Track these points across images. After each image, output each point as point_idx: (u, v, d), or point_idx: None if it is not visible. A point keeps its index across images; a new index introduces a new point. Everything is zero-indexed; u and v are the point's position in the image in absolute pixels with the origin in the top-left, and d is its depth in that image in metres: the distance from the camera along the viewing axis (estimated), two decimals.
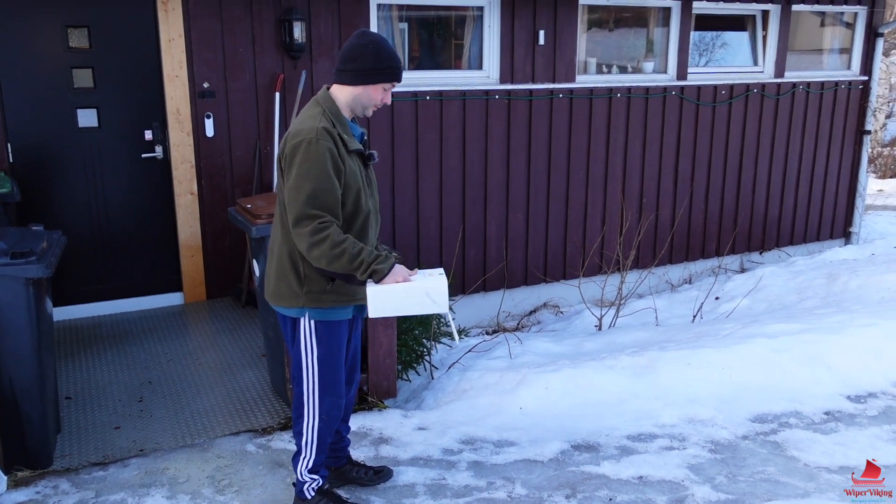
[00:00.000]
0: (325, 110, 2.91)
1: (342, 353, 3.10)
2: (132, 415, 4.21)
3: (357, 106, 2.97)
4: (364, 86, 2.92)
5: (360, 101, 2.95)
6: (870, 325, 5.00)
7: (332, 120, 2.89)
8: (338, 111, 2.93)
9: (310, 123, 2.84)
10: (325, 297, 2.97)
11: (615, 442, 3.88)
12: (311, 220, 2.78)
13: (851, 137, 8.56)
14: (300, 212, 2.78)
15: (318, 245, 2.78)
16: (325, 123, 2.84)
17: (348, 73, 2.92)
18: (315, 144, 2.77)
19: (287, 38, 5.61)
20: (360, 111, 3.00)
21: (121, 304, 5.74)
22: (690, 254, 7.90)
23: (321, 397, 3.09)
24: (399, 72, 2.96)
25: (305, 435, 3.13)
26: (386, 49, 2.92)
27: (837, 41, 8.55)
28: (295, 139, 2.81)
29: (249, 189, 5.77)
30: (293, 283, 2.96)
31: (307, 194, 2.77)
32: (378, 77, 2.92)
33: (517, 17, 6.42)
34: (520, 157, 6.71)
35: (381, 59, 2.90)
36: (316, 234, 2.77)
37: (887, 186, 15.79)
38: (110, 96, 5.42)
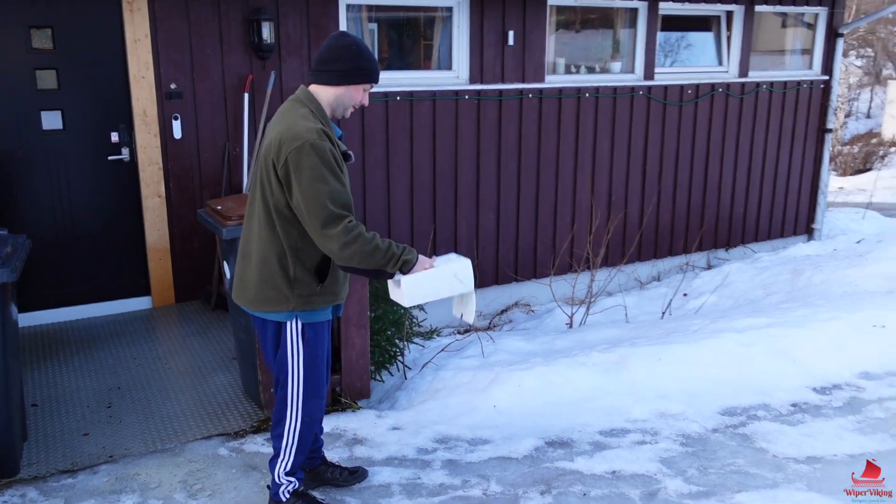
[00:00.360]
0: (313, 110, 2.90)
1: (325, 354, 3.11)
2: (101, 421, 4.15)
3: (338, 106, 2.97)
4: (346, 86, 2.93)
5: (342, 101, 2.95)
6: (833, 318, 5.10)
7: (321, 120, 2.89)
8: (323, 111, 2.94)
9: (305, 124, 2.81)
10: (315, 299, 2.97)
11: (588, 438, 3.92)
12: (340, 221, 2.77)
13: (813, 136, 8.73)
14: (328, 214, 2.75)
15: (352, 244, 2.77)
16: (319, 124, 2.84)
17: (330, 73, 2.91)
18: (319, 145, 2.76)
19: (255, 39, 5.57)
20: (340, 112, 3.00)
21: (88, 308, 5.65)
22: (659, 251, 8.00)
23: (306, 399, 3.09)
24: (378, 73, 3.00)
25: (286, 437, 3.12)
26: (367, 50, 2.95)
27: (799, 42, 8.72)
28: (295, 142, 2.76)
29: (218, 191, 5.72)
30: (282, 287, 2.93)
31: (328, 195, 2.75)
32: (360, 77, 2.93)
33: (486, 17, 6.45)
34: (490, 157, 6.74)
35: (363, 59, 2.92)
36: (349, 233, 2.77)
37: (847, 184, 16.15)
38: (75, 98, 5.34)
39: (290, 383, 3.07)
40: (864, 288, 6.26)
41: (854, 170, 17.91)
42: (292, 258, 2.91)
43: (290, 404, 3.09)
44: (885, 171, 17.02)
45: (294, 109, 2.91)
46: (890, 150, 19.21)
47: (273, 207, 2.86)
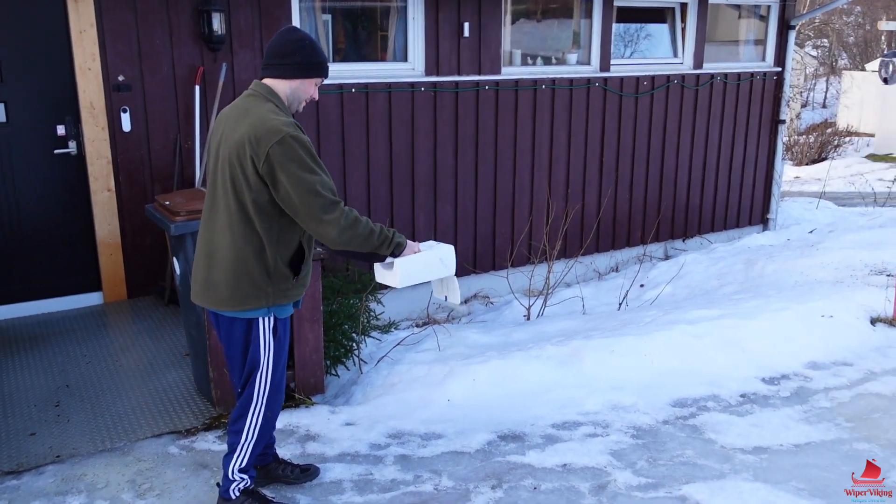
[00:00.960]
0: (277, 105, 2.92)
1: (286, 348, 3.15)
2: (48, 420, 4.07)
3: (294, 100, 3.00)
4: (301, 79, 2.96)
5: (297, 94, 2.99)
6: (783, 308, 5.20)
7: (286, 113, 2.93)
8: (284, 104, 2.96)
9: (278, 118, 2.82)
10: (291, 292, 3.02)
11: (540, 431, 3.94)
12: (335, 206, 2.83)
13: (767, 127, 8.86)
14: (323, 202, 2.80)
15: (350, 228, 2.85)
16: (289, 117, 2.90)
17: (286, 66, 2.92)
18: (301, 136, 2.82)
19: (206, 30, 5.48)
20: (295, 105, 3.02)
21: (37, 305, 5.54)
22: (616, 242, 8.07)
23: (271, 395, 3.11)
24: (328, 68, 3.05)
25: (246, 433, 3.11)
26: (318, 45, 3.00)
27: (753, 33, 8.83)
28: (275, 136, 2.75)
29: (170, 185, 5.63)
30: (260, 282, 2.93)
31: (320, 184, 2.80)
32: (314, 71, 2.97)
33: (441, 9, 6.42)
34: (447, 149, 6.72)
35: (316, 53, 2.96)
36: (347, 218, 2.85)
37: (803, 173, 16.44)
38: (19, 90, 5.20)
39: (258, 379, 3.07)
40: (815, 278, 6.38)
41: (810, 159, 18.22)
42: (272, 252, 2.92)
43: (255, 400, 3.09)
44: (839, 161, 17.36)
45: (258, 104, 2.89)
46: (844, 139, 19.59)
47: (251, 203, 2.84)
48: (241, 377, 3.11)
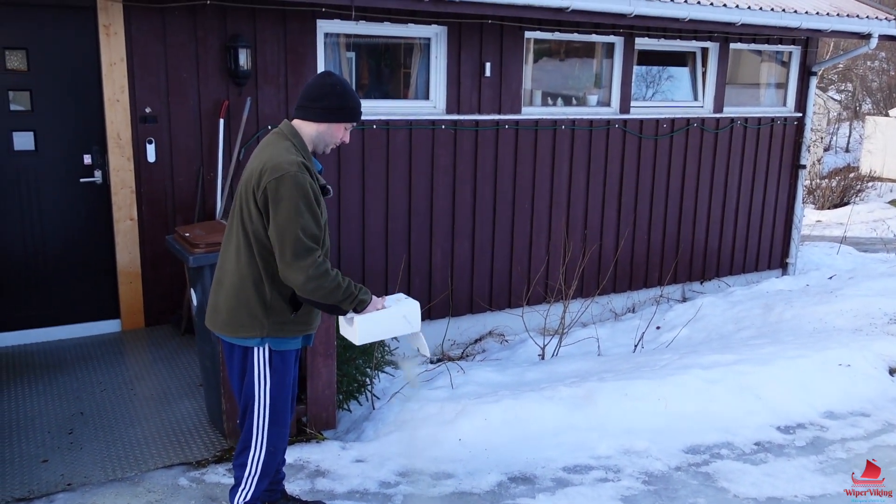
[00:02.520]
0: (295, 144, 2.97)
1: (290, 383, 3.14)
2: (61, 447, 4.10)
3: (320, 142, 3.06)
4: (329, 123, 3.02)
5: (324, 137, 3.04)
6: (800, 356, 5.14)
7: (303, 154, 2.97)
8: (305, 145, 3.01)
9: (287, 157, 2.88)
10: (288, 327, 3.03)
11: (551, 474, 3.91)
12: (309, 254, 2.85)
13: (788, 171, 8.84)
14: (299, 246, 2.83)
15: (318, 279, 2.86)
16: (300, 157, 2.92)
17: (315, 109, 2.99)
18: (301, 178, 2.85)
19: (232, 65, 5.59)
20: (321, 148, 3.08)
21: (56, 331, 5.60)
22: (633, 283, 8.04)
23: (270, 428, 3.10)
24: (360, 113, 3.09)
25: (249, 466, 3.12)
26: (351, 90, 3.05)
27: (774, 77, 8.86)
28: (276, 173, 2.84)
29: (191, 216, 5.70)
30: (257, 313, 2.97)
31: (301, 228, 2.84)
32: (344, 116, 3.03)
33: (464, 48, 6.51)
34: (465, 187, 6.77)
35: (348, 99, 3.02)
36: (317, 268, 2.86)
37: (825, 217, 16.33)
38: (49, 119, 5.33)
39: (255, 412, 3.08)
40: (834, 325, 6.32)
41: (832, 203, 18.13)
42: (269, 285, 2.96)
43: (255, 433, 3.09)
44: (861, 206, 17.24)
45: (277, 142, 2.98)
46: (867, 184, 19.49)
47: (252, 234, 2.93)
48: (241, 407, 3.14)
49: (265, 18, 5.70)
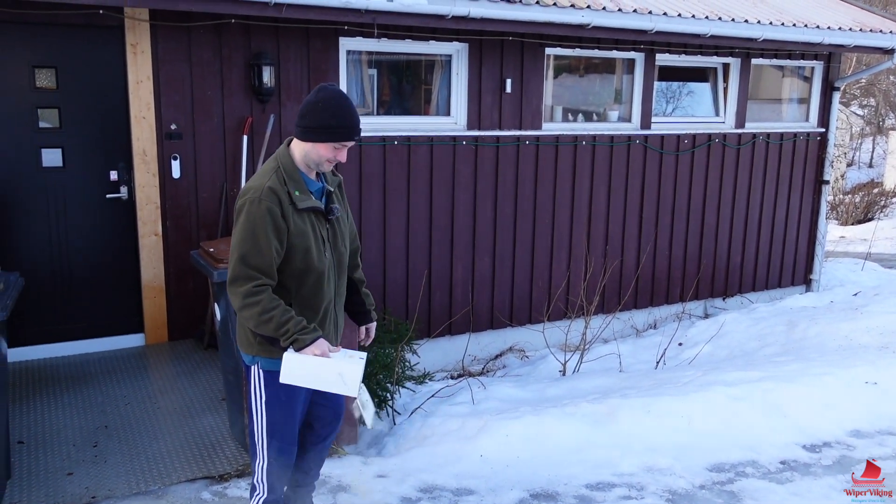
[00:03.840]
0: (280, 166, 2.94)
1: (292, 402, 3.10)
2: (86, 460, 4.14)
3: (310, 162, 2.97)
4: (312, 143, 2.92)
5: (310, 157, 2.95)
6: (826, 373, 5.09)
7: (284, 177, 2.91)
8: (292, 168, 2.95)
9: (259, 181, 2.89)
10: (276, 351, 2.97)
11: (573, 491, 3.89)
12: (245, 282, 2.84)
13: (811, 187, 8.77)
14: (236, 271, 2.86)
15: (250, 308, 2.85)
16: (273, 182, 2.87)
17: (299, 128, 2.94)
18: (257, 205, 2.82)
19: (256, 82, 5.66)
20: (314, 167, 3.00)
21: (80, 345, 5.66)
22: (655, 299, 7.99)
23: (269, 439, 3.11)
24: (348, 132, 2.91)
25: (257, 474, 3.16)
26: (335, 108, 2.88)
27: (796, 93, 8.82)
28: (242, 197, 2.88)
29: (215, 231, 5.76)
30: (248, 332, 3.02)
31: (241, 254, 2.84)
32: (324, 136, 2.89)
33: (485, 65, 6.55)
34: (486, 203, 6.78)
35: (328, 117, 2.87)
36: (249, 296, 2.84)
37: (848, 233, 16.17)
38: (76, 136, 5.42)
39: (254, 425, 3.13)
40: (859, 342, 6.24)
41: (855, 219, 17.95)
42: None
43: (257, 445, 3.14)
44: (885, 222, 17.05)
45: (266, 164, 3.00)
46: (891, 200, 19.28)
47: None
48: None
49: (289, 36, 5.77)
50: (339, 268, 3.13)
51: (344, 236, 3.16)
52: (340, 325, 3.25)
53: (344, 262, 3.17)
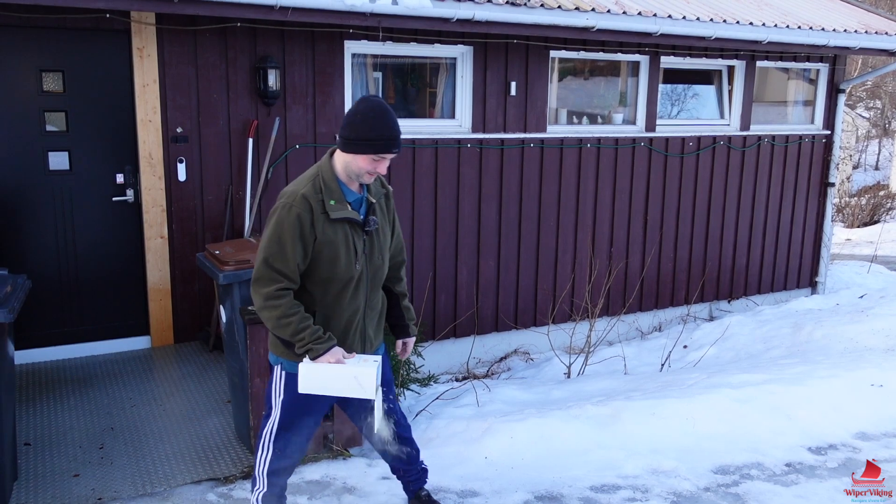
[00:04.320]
0: (320, 175, 2.97)
1: (311, 405, 3.14)
2: (92, 462, 4.15)
3: (350, 173, 2.99)
4: (352, 154, 2.93)
5: (351, 168, 2.97)
6: (832, 376, 5.07)
7: (322, 186, 2.94)
8: (332, 177, 2.98)
9: (295, 188, 2.94)
10: (294, 358, 3.02)
11: (578, 493, 3.89)
12: (268, 284, 2.89)
13: (816, 189, 8.76)
14: (259, 272, 2.92)
15: (269, 310, 2.92)
16: (307, 190, 2.91)
17: (340, 139, 2.97)
18: (287, 211, 2.88)
19: (261, 86, 5.68)
20: (354, 178, 3.01)
21: (87, 347, 5.68)
22: (660, 301, 7.99)
23: (278, 433, 3.17)
24: (386, 144, 2.91)
25: (258, 466, 3.23)
26: (374, 119, 2.89)
27: (801, 95, 8.81)
28: (278, 201, 2.94)
29: (220, 234, 5.78)
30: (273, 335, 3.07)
31: (266, 256, 2.90)
32: (362, 148, 2.90)
33: (489, 68, 6.56)
34: (491, 205, 6.79)
35: (367, 129, 2.88)
36: (270, 299, 2.90)
37: (854, 235, 16.12)
38: (83, 140, 5.44)
39: (266, 423, 3.20)
40: (865, 345, 6.23)
41: (862, 222, 17.89)
42: None
43: (264, 434, 3.19)
44: (892, 224, 16.99)
45: (310, 169, 3.05)
46: None
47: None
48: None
49: (294, 40, 5.80)
50: (372, 280, 3.13)
51: (382, 249, 3.15)
52: (372, 337, 3.24)
53: (380, 274, 3.17)
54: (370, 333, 3.22)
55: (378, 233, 3.11)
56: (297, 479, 3.98)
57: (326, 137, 6.03)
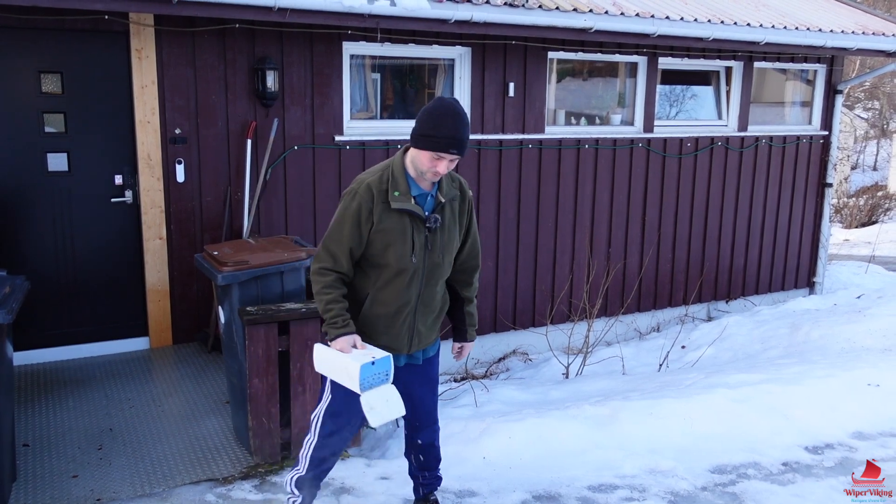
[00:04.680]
0: (391, 167, 3.09)
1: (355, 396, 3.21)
2: (91, 463, 4.16)
3: (416, 169, 3.05)
4: (417, 150, 3.01)
5: (416, 163, 3.04)
6: (829, 376, 5.09)
7: (390, 177, 3.06)
8: (400, 171, 3.08)
9: (364, 176, 3.10)
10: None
11: (576, 493, 3.90)
12: (320, 260, 3.10)
13: (814, 190, 8.78)
14: (319, 248, 3.14)
15: (314, 284, 3.12)
16: (373, 179, 3.06)
17: (411, 134, 3.06)
18: (350, 198, 3.06)
19: (260, 87, 5.69)
20: (419, 174, 3.06)
21: (85, 348, 5.69)
22: (658, 302, 8.00)
23: (325, 419, 3.27)
24: (445, 143, 2.94)
25: (303, 449, 3.33)
26: (439, 117, 2.95)
27: (799, 96, 8.83)
28: (349, 186, 3.12)
29: (219, 235, 5.79)
30: None
31: (326, 236, 3.11)
32: (423, 143, 2.97)
33: (487, 69, 6.57)
34: (489, 206, 6.80)
35: (431, 126, 2.95)
36: (317, 274, 3.11)
37: (852, 236, 16.15)
38: (81, 141, 5.45)
39: (319, 402, 3.32)
40: (862, 345, 6.25)
41: (860, 222, 17.92)
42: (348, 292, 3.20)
43: (313, 419, 3.32)
44: (889, 225, 17.02)
45: (384, 161, 3.19)
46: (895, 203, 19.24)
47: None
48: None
49: (292, 41, 5.81)
50: (428, 276, 3.17)
51: (444, 248, 3.17)
52: (423, 333, 3.27)
53: (438, 273, 3.20)
54: (420, 329, 3.26)
55: (441, 231, 3.15)
56: None
57: (325, 138, 6.05)
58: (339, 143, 6.09)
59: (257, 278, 4.17)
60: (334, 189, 6.13)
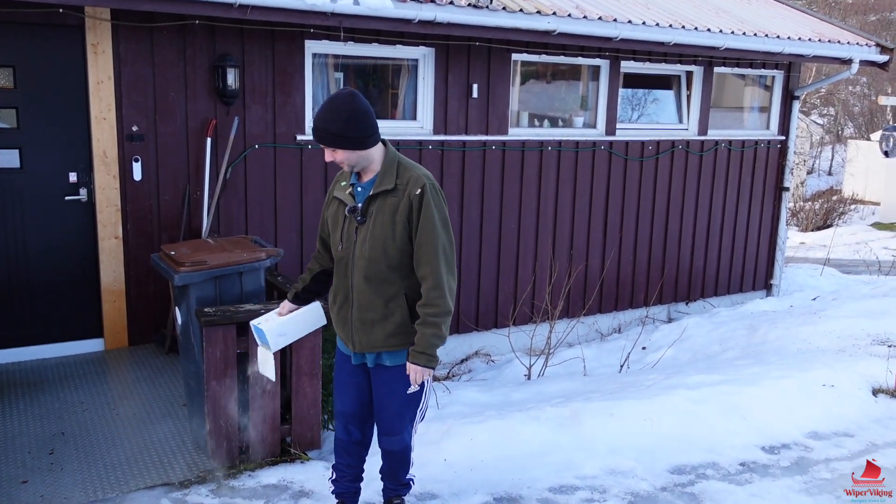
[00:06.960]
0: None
1: (342, 378, 3.41)
2: (41, 468, 4.05)
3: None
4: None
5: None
6: (785, 376, 5.17)
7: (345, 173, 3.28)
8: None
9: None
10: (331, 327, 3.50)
11: (537, 494, 3.90)
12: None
13: (771, 193, 8.93)
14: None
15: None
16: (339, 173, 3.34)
17: None
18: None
19: (220, 84, 5.60)
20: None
21: (38, 350, 5.54)
22: (619, 303, 8.06)
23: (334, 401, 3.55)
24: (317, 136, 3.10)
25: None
26: (318, 111, 3.10)
27: (758, 101, 8.97)
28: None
29: (177, 234, 5.68)
30: None
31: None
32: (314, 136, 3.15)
33: (451, 70, 6.56)
34: (452, 207, 6.78)
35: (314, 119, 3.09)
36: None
37: (808, 239, 16.49)
38: (35, 137, 5.31)
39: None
40: (818, 346, 6.36)
41: (815, 226, 18.31)
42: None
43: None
44: (844, 228, 17.42)
45: None
46: (850, 207, 19.70)
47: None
48: None
49: (253, 38, 5.73)
50: (359, 269, 3.14)
51: (372, 242, 3.09)
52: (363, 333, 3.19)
53: (369, 269, 3.11)
54: (357, 325, 3.19)
55: (371, 225, 3.11)
56: (253, 483, 3.93)
57: (286, 137, 5.97)
58: (301, 142, 6.03)
59: (216, 279, 4.09)
60: (295, 188, 6.06)
